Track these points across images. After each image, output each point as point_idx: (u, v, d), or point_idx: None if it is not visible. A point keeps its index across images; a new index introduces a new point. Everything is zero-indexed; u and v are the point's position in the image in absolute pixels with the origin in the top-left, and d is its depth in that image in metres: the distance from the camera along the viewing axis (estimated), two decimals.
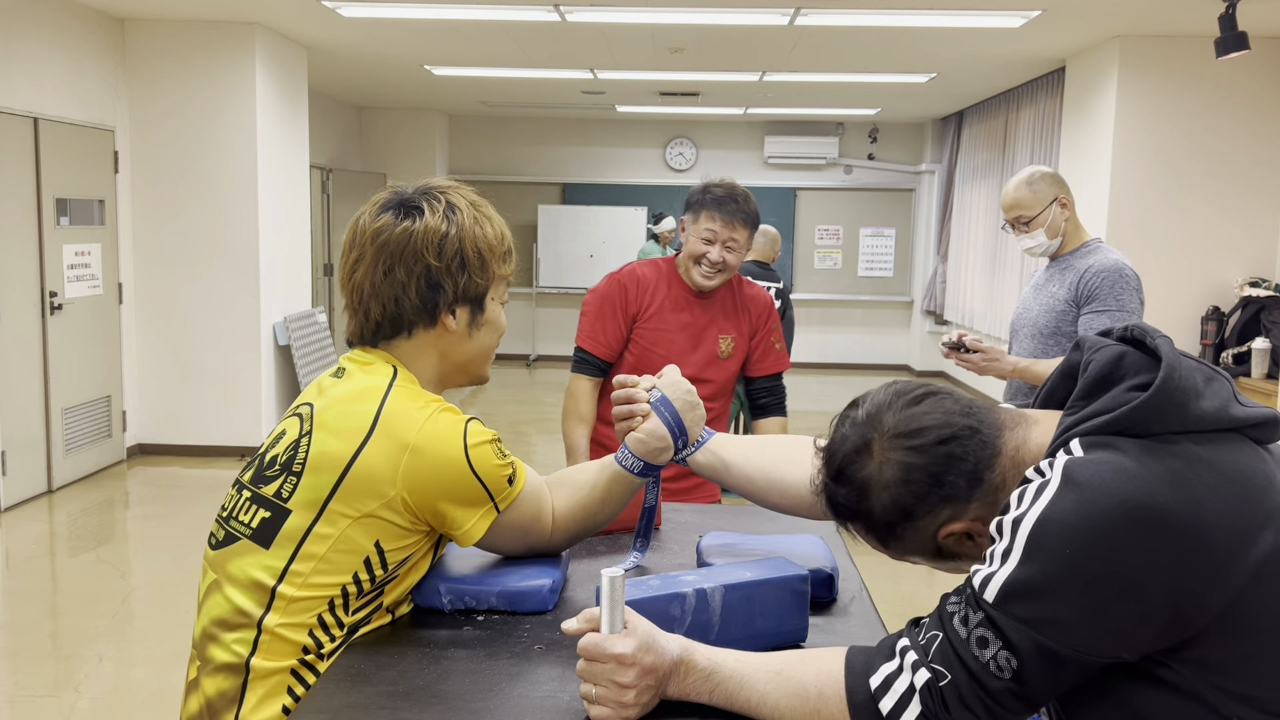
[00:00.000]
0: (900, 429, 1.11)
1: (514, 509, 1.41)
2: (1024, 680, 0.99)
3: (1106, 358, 1.07)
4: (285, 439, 1.39)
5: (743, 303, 2.82)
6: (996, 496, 1.10)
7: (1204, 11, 5.67)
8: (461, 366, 1.49)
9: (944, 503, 1.10)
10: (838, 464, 1.15)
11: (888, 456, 1.11)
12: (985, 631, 1.00)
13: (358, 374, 1.41)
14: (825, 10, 5.91)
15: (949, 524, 1.11)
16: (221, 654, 1.32)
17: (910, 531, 1.13)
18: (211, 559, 1.40)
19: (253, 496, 1.37)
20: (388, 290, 1.41)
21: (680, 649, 1.13)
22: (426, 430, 1.33)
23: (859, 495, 1.13)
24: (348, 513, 1.31)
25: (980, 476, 1.09)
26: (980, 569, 1.02)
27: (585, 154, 11.89)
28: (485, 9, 6.04)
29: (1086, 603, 0.96)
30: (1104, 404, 1.04)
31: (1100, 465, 0.98)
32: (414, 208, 1.42)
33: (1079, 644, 0.97)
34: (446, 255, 1.41)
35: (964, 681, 1.00)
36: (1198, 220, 6.53)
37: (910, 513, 1.11)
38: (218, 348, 6.90)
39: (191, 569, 4.71)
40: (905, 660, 1.04)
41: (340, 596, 1.31)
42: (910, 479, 1.10)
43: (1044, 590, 0.97)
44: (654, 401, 1.50)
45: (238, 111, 6.74)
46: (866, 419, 1.14)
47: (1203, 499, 0.96)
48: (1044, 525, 0.98)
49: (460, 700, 1.17)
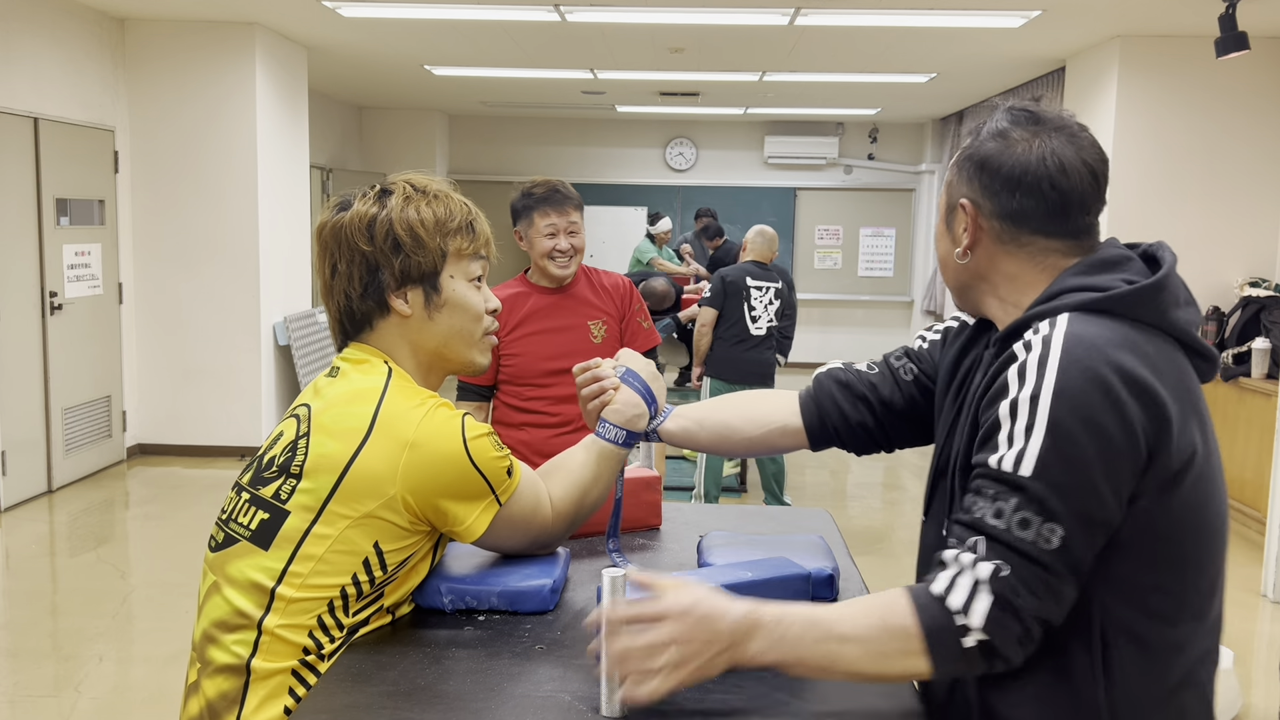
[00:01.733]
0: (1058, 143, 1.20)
1: (514, 501, 1.41)
2: (1070, 546, 1.05)
3: (1119, 251, 1.21)
4: (283, 440, 1.39)
5: (604, 289, 2.91)
6: (1010, 246, 1.22)
7: (1204, 11, 5.67)
8: (438, 353, 1.46)
9: (995, 195, 1.21)
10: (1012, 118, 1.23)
11: (1039, 141, 1.19)
12: (1024, 513, 1.06)
13: (352, 373, 1.41)
14: (825, 10, 5.91)
15: (974, 202, 1.22)
16: (222, 655, 1.32)
17: (971, 178, 1.23)
18: (211, 561, 1.40)
19: (252, 499, 1.37)
20: (337, 286, 1.43)
21: (748, 605, 1.12)
22: (424, 426, 1.33)
23: (992, 134, 1.22)
24: (347, 514, 1.31)
25: (1025, 220, 1.20)
26: (1002, 452, 1.09)
27: (585, 154, 11.89)
28: (485, 9, 6.04)
29: (1105, 463, 1.06)
30: (1102, 283, 1.16)
31: (1099, 340, 1.09)
32: (349, 201, 1.45)
33: (1104, 503, 1.06)
34: (377, 238, 1.40)
35: (1021, 565, 1.06)
36: (1198, 220, 6.53)
37: (1000, 174, 1.20)
38: (218, 348, 6.90)
39: (191, 569, 4.70)
40: (962, 562, 1.08)
41: (339, 598, 1.31)
42: (1027, 166, 1.19)
43: (1072, 453, 1.05)
44: (622, 375, 1.58)
45: (238, 111, 6.74)
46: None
47: (1168, 384, 1.10)
48: (1060, 398, 1.07)
49: (461, 700, 1.17)
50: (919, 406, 1.46)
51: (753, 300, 5.36)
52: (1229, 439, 6.04)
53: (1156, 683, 1.13)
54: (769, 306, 5.40)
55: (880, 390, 1.48)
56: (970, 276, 1.26)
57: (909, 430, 1.48)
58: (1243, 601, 4.56)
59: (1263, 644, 4.11)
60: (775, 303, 5.43)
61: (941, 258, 1.30)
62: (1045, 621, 1.07)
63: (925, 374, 1.46)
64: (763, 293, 5.39)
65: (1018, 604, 1.05)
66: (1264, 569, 4.63)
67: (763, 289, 5.39)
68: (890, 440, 1.50)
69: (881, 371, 1.50)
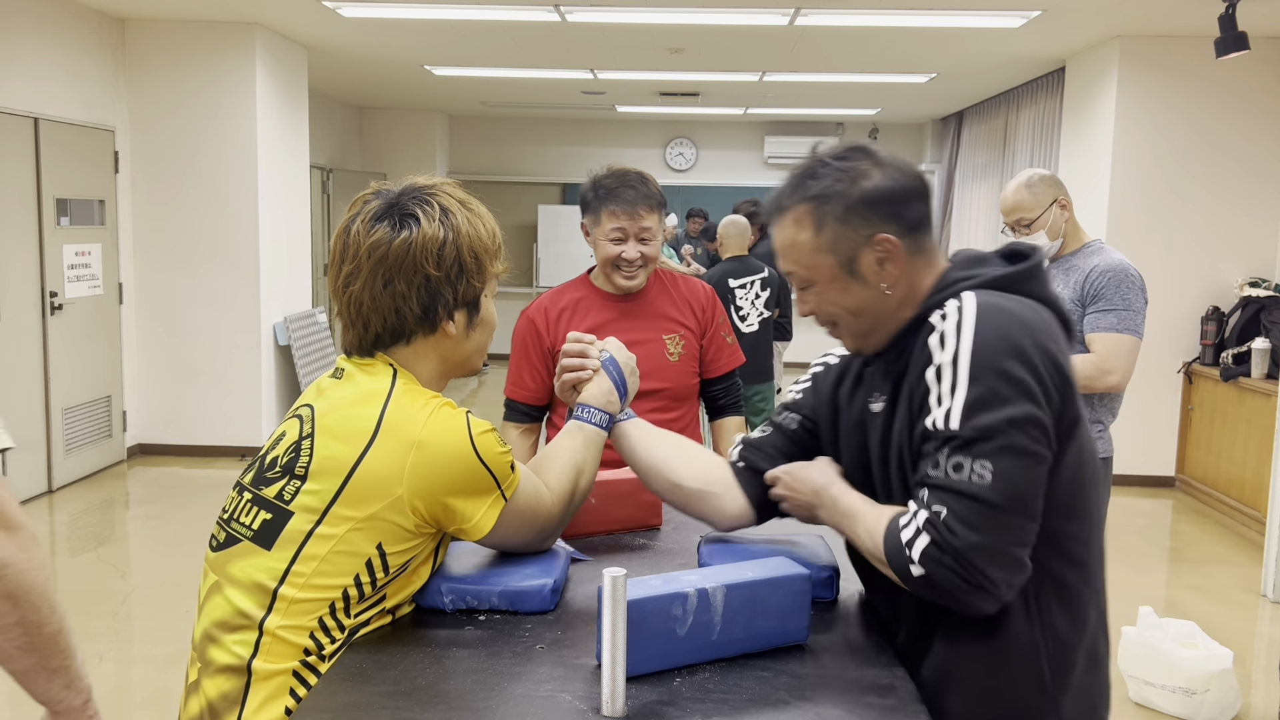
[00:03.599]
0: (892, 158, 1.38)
1: (519, 494, 1.42)
2: (1004, 476, 1.18)
3: (979, 252, 1.41)
4: (285, 440, 1.39)
5: (684, 297, 2.51)
6: (918, 256, 1.36)
7: (1204, 11, 5.67)
8: (459, 364, 1.49)
9: (897, 217, 1.34)
10: (838, 151, 1.37)
11: (884, 165, 1.35)
12: (956, 458, 1.20)
13: (358, 376, 1.42)
14: (825, 10, 5.91)
15: (888, 233, 1.33)
16: (222, 655, 1.32)
17: (868, 217, 1.33)
18: (212, 560, 1.40)
19: (254, 498, 1.37)
20: (388, 303, 1.39)
21: (826, 481, 1.43)
22: (430, 425, 1.34)
23: (850, 177, 1.34)
24: (352, 515, 1.31)
25: (922, 227, 1.36)
26: (934, 414, 1.23)
27: (585, 154, 11.89)
28: (485, 9, 6.04)
29: (1023, 402, 1.19)
30: (986, 270, 1.34)
31: (1002, 302, 1.26)
32: (408, 215, 1.40)
33: (1032, 437, 1.20)
34: (445, 263, 1.40)
35: (957, 504, 1.19)
36: (1198, 220, 6.53)
37: (891, 199, 1.33)
38: (218, 348, 6.90)
39: (191, 569, 4.70)
40: (912, 508, 1.24)
41: (341, 599, 1.31)
42: (897, 182, 1.34)
43: (993, 399, 1.19)
44: (604, 361, 1.65)
45: (238, 112, 6.74)
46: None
47: (1060, 346, 1.27)
48: (978, 352, 1.22)
49: (462, 700, 1.17)
50: (811, 448, 1.58)
51: (738, 300, 5.26)
52: (1229, 439, 6.04)
53: (1077, 626, 1.30)
54: (756, 300, 5.28)
55: (786, 444, 1.60)
56: (892, 306, 1.37)
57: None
58: (1243, 601, 4.56)
59: (1263, 644, 4.11)
60: (764, 292, 5.29)
61: (854, 308, 1.37)
62: (1000, 556, 1.18)
63: (808, 417, 1.59)
64: (747, 289, 5.27)
65: (954, 543, 1.17)
66: (1264, 569, 4.63)
67: (746, 285, 5.27)
68: None
69: (775, 431, 1.62)
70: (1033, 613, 1.27)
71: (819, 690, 1.21)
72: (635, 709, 1.16)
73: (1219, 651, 3.33)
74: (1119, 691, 3.55)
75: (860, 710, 1.17)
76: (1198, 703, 3.29)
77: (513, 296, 11.79)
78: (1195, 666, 3.29)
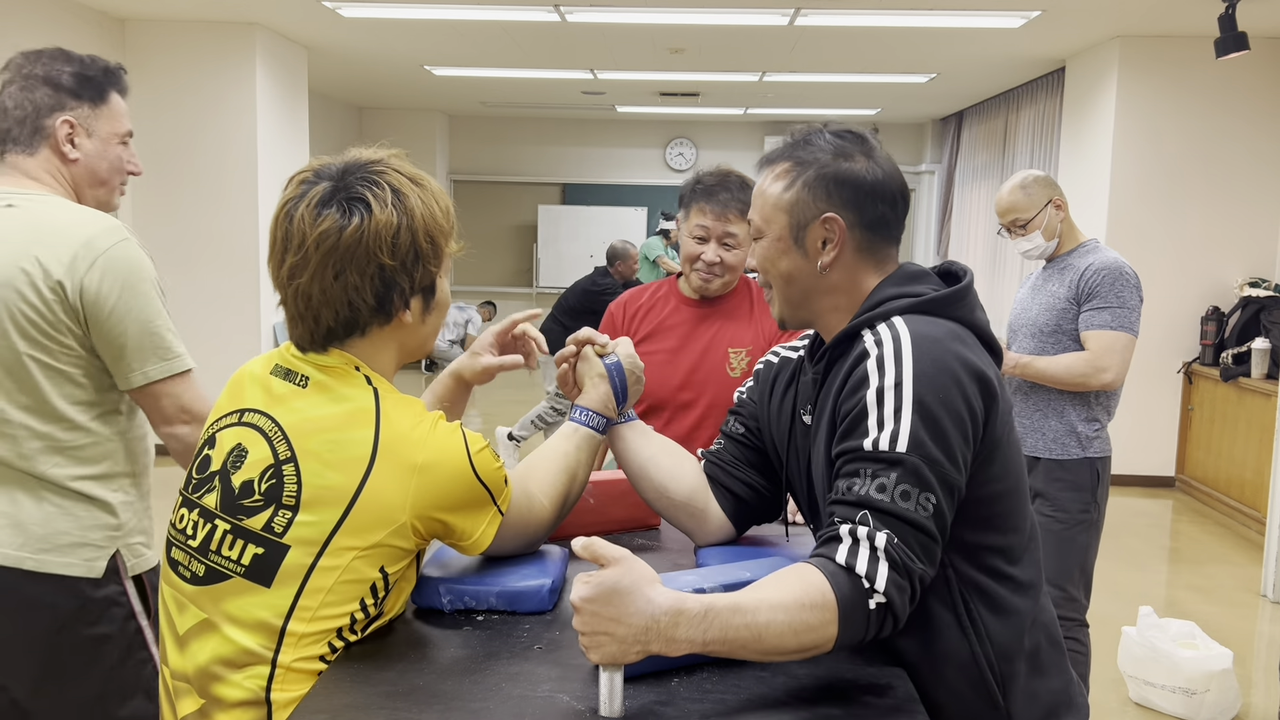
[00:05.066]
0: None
1: (513, 508, 1.41)
2: (941, 511, 1.21)
3: (919, 267, 1.40)
4: (253, 460, 1.30)
5: (760, 320, 2.39)
6: (865, 254, 1.38)
7: (1204, 11, 5.67)
8: (414, 350, 1.42)
9: (857, 207, 1.35)
10: (835, 129, 1.40)
11: (870, 157, 1.37)
12: (904, 485, 1.19)
13: (330, 384, 1.32)
14: (825, 10, 5.91)
15: (840, 218, 1.35)
16: (234, 692, 1.27)
17: (830, 194, 1.35)
18: (193, 595, 1.31)
19: (234, 529, 1.29)
20: (339, 295, 1.30)
21: (674, 597, 1.12)
22: (430, 447, 1.30)
23: (834, 154, 1.36)
24: (355, 545, 1.26)
25: (879, 228, 1.37)
26: (875, 434, 1.22)
27: (585, 154, 11.89)
28: (485, 9, 6.04)
29: (960, 437, 1.22)
30: (914, 290, 1.35)
31: (938, 334, 1.27)
32: (356, 199, 1.31)
33: (961, 471, 1.23)
34: (400, 251, 1.31)
35: (906, 532, 1.18)
36: (1197, 220, 6.53)
37: (859, 187, 1.35)
38: (218, 348, 6.90)
39: None
40: (857, 535, 1.18)
41: (348, 623, 1.29)
42: (873, 176, 1.36)
43: (936, 431, 1.21)
44: (609, 364, 1.61)
45: (238, 112, 6.74)
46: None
47: (988, 367, 1.29)
48: (920, 382, 1.23)
49: (459, 700, 1.17)
50: (764, 452, 1.60)
51: None
52: (1229, 439, 6.04)
53: (1014, 635, 1.31)
54: None
55: (746, 454, 1.61)
56: (824, 289, 1.38)
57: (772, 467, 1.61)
58: (1243, 601, 4.56)
59: (1263, 644, 4.11)
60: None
61: (786, 273, 1.39)
62: (923, 581, 1.20)
63: (751, 416, 1.61)
64: None
65: (911, 567, 1.18)
66: (1264, 569, 4.63)
67: None
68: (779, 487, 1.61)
69: (729, 441, 1.63)
70: (965, 625, 1.29)
71: (817, 690, 1.21)
72: (633, 710, 1.15)
73: (1219, 652, 3.33)
74: (1119, 692, 3.55)
75: (858, 710, 1.17)
76: (1198, 703, 3.29)
77: (513, 297, 11.79)
78: (1195, 667, 3.29)
